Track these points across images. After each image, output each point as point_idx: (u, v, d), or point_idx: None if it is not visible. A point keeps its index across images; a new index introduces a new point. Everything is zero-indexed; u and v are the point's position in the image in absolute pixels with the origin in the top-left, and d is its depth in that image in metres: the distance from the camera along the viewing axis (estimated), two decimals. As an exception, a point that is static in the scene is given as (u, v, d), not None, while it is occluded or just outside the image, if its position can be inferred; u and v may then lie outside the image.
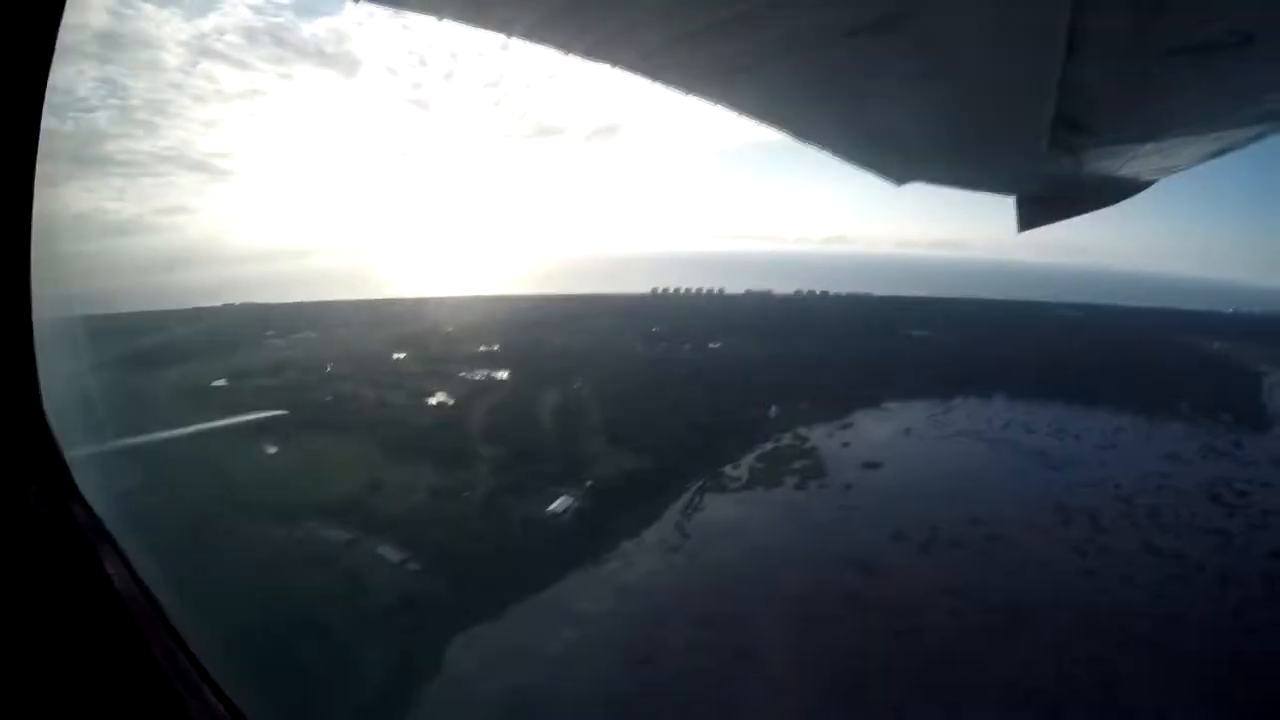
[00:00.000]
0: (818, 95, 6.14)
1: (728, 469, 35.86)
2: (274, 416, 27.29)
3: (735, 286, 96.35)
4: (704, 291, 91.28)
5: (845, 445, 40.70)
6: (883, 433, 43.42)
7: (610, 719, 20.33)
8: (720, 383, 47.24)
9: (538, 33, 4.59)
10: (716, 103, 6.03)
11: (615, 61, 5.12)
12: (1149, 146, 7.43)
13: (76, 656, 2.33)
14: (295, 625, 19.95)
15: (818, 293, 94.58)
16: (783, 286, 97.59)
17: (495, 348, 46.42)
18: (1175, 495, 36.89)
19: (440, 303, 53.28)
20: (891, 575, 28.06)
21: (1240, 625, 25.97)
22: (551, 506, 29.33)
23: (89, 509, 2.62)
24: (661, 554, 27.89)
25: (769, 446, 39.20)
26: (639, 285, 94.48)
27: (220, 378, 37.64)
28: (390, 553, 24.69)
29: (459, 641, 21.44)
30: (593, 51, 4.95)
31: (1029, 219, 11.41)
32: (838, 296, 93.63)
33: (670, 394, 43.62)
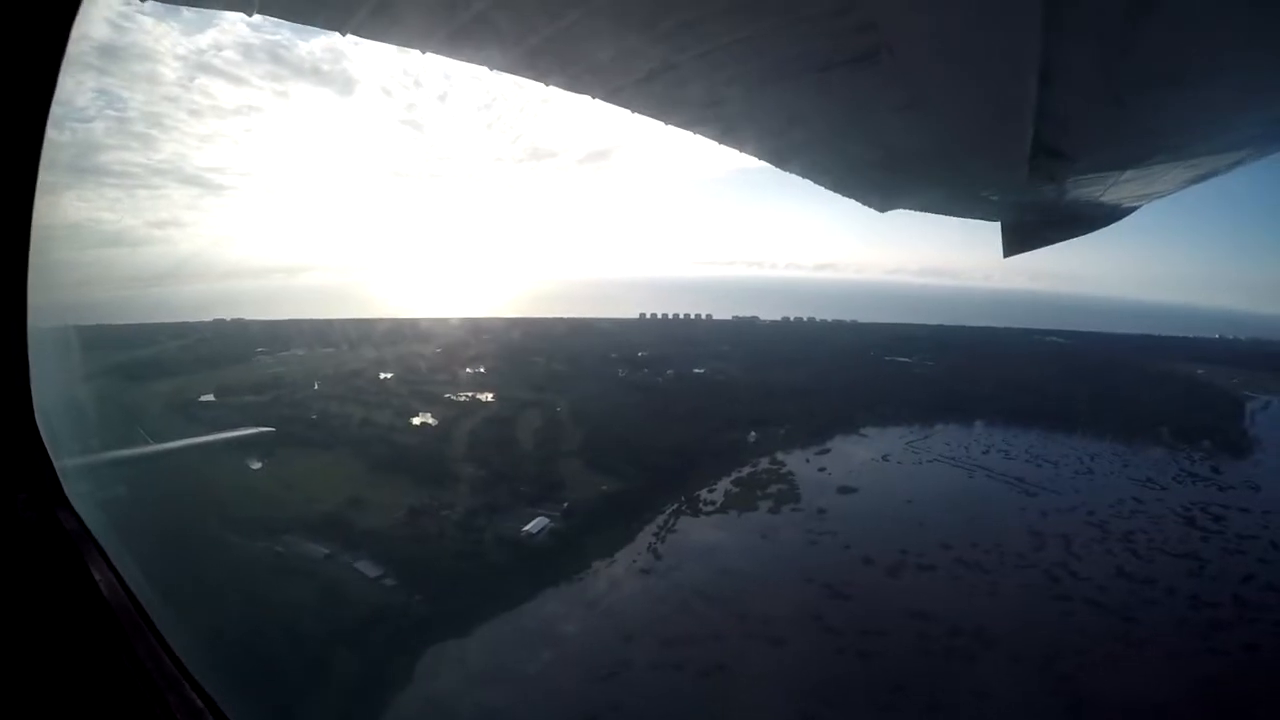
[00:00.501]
0: (796, 127, 6.28)
1: (703, 492, 36.46)
2: (259, 433, 27.81)
3: (723, 312, 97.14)
4: (691, 317, 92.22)
5: (821, 470, 41.19)
6: (860, 458, 43.92)
7: None
8: (700, 408, 47.90)
9: (519, 67, 4.83)
10: (696, 132, 6.33)
11: (595, 93, 5.31)
12: (1129, 173, 7.56)
13: (61, 657, 2.44)
14: (272, 634, 20.41)
15: (804, 319, 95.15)
16: (770, 313, 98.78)
17: (481, 370, 47.10)
18: (1148, 519, 37.36)
19: (430, 323, 53.77)
20: (856, 597, 28.61)
21: (1206, 648, 26.36)
22: (527, 527, 30.01)
23: (77, 516, 2.75)
24: (632, 575, 28.57)
25: (745, 471, 39.80)
26: (629, 310, 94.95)
27: (208, 392, 38.21)
28: (368, 567, 25.40)
29: (428, 654, 22.08)
30: (574, 84, 5.16)
31: (1014, 245, 11.78)
32: (823, 323, 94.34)
33: (651, 418, 44.28)
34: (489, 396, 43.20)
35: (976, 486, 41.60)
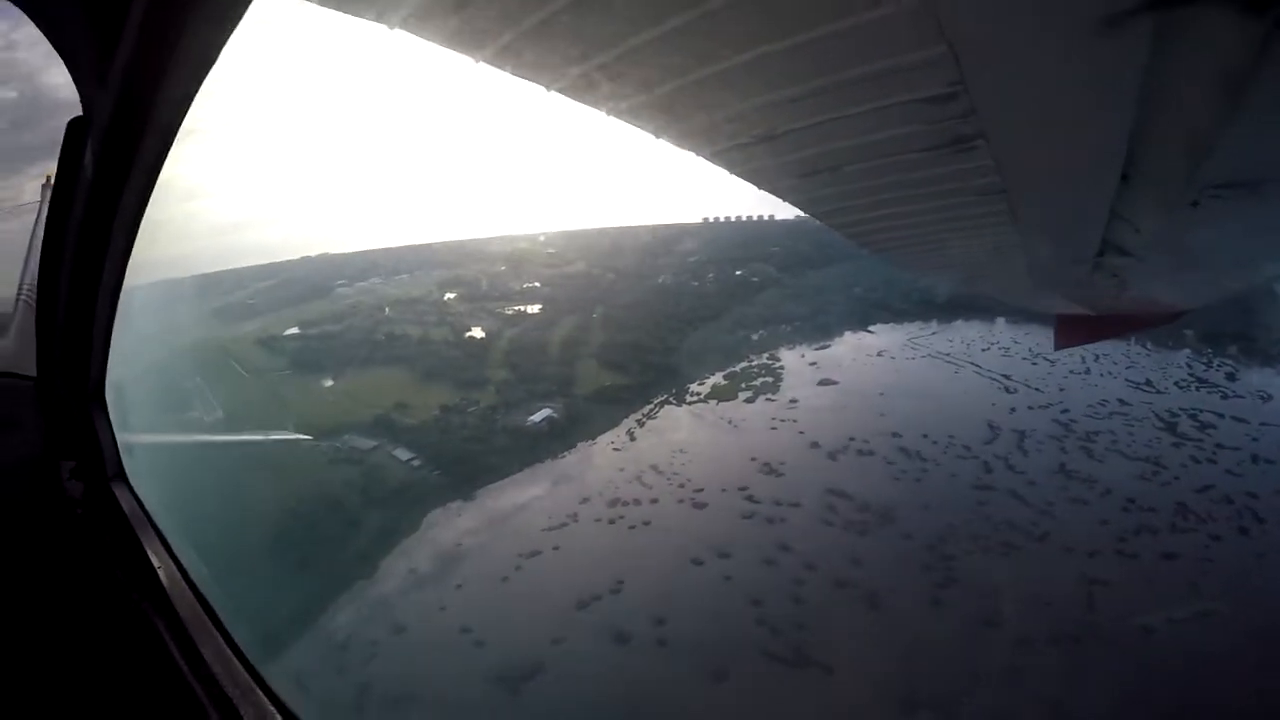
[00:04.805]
0: (873, 199, 6.11)
1: (693, 385, 42.57)
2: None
3: (787, 212, 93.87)
4: (754, 218, 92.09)
5: (812, 364, 45.09)
6: (854, 355, 46.81)
7: (529, 559, 29.50)
8: (722, 308, 52.07)
9: (620, 109, 4.55)
10: (784, 198, 6.26)
11: (699, 150, 5.18)
12: (1192, 277, 7.52)
13: (102, 641, 2.49)
14: (323, 503, 31.15)
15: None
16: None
17: (536, 284, 52.98)
18: (1123, 422, 36.77)
19: (496, 242, 58.95)
20: (787, 475, 33.94)
21: (1115, 550, 27.34)
22: (532, 418, 38.15)
23: (134, 494, 2.81)
24: (604, 453, 36.66)
25: (739, 366, 44.91)
26: (695, 214, 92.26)
27: (292, 326, 45.67)
28: (402, 454, 34.79)
29: (435, 512, 32.00)
30: (681, 140, 5.02)
31: (1068, 337, 12.27)
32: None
33: (671, 320, 49.43)
34: (536, 308, 49.65)
35: (956, 382, 42.77)
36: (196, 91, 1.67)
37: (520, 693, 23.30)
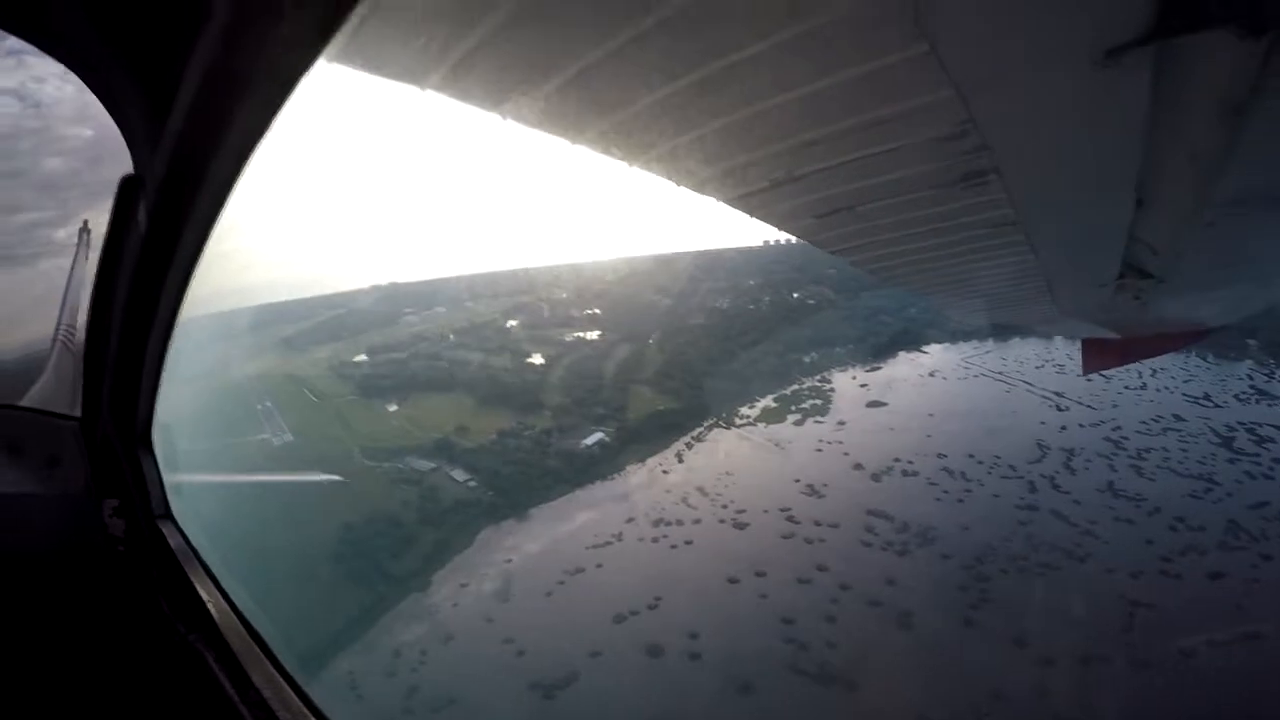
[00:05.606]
0: (891, 235, 6.11)
1: (743, 409, 43.23)
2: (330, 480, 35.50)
3: None
4: None
5: (863, 386, 45.21)
6: (907, 375, 46.52)
7: (573, 575, 31.36)
8: (774, 332, 52.12)
9: (641, 159, 4.56)
10: (805, 238, 6.33)
11: (719, 196, 5.15)
12: (1219, 294, 7.51)
13: (143, 684, 2.51)
14: (383, 519, 33.86)
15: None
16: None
17: (596, 310, 53.34)
18: (1177, 438, 36.21)
19: (562, 270, 59.65)
20: (830, 496, 34.68)
21: (1160, 570, 27.13)
22: (585, 441, 39.69)
23: (181, 531, 2.79)
24: (653, 475, 37.98)
25: (790, 389, 45.30)
26: (757, 237, 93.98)
27: (360, 353, 47.82)
28: (459, 475, 36.96)
29: (486, 531, 34.39)
30: (701, 186, 4.97)
31: (1097, 361, 12.26)
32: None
33: (725, 343, 49.94)
34: (595, 335, 50.62)
35: (1009, 400, 42.19)
36: (252, 154, 1.67)
37: (554, 698, 25.12)
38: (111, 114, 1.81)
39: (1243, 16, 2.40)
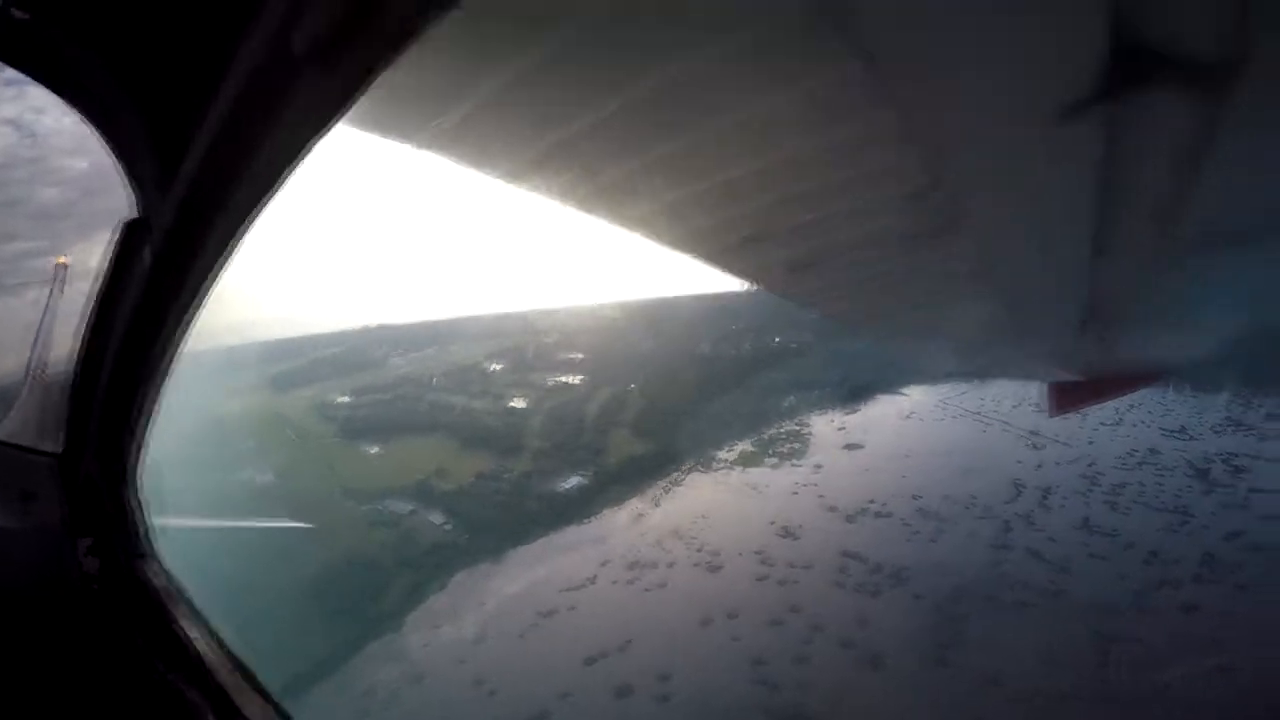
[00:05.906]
0: (863, 290, 6.24)
1: (720, 453, 43.41)
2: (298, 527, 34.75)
3: None
4: None
5: (840, 429, 45.06)
6: (885, 417, 46.16)
7: (546, 617, 31.46)
8: (753, 376, 52.01)
9: (619, 217, 4.62)
10: (779, 294, 6.61)
11: (693, 253, 5.20)
12: (1179, 332, 7.68)
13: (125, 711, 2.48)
14: (358, 562, 34.22)
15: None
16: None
17: (579, 355, 53.21)
18: (1153, 471, 35.83)
19: (546, 314, 59.89)
20: (804, 538, 35.02)
21: (1134, 605, 26.91)
22: (564, 484, 39.93)
23: (165, 571, 2.75)
24: (629, 518, 38.13)
25: (768, 432, 45.32)
26: (737, 283, 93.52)
27: (345, 395, 47.65)
28: (436, 517, 37.14)
29: (461, 574, 34.42)
30: (677, 243, 5.00)
31: (1062, 404, 12.12)
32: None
33: (705, 387, 50.06)
34: (577, 379, 50.53)
35: (984, 440, 41.74)
36: (264, 207, 1.65)
37: (522, 737, 24.96)
38: (117, 156, 1.78)
39: (1189, 74, 2.53)
